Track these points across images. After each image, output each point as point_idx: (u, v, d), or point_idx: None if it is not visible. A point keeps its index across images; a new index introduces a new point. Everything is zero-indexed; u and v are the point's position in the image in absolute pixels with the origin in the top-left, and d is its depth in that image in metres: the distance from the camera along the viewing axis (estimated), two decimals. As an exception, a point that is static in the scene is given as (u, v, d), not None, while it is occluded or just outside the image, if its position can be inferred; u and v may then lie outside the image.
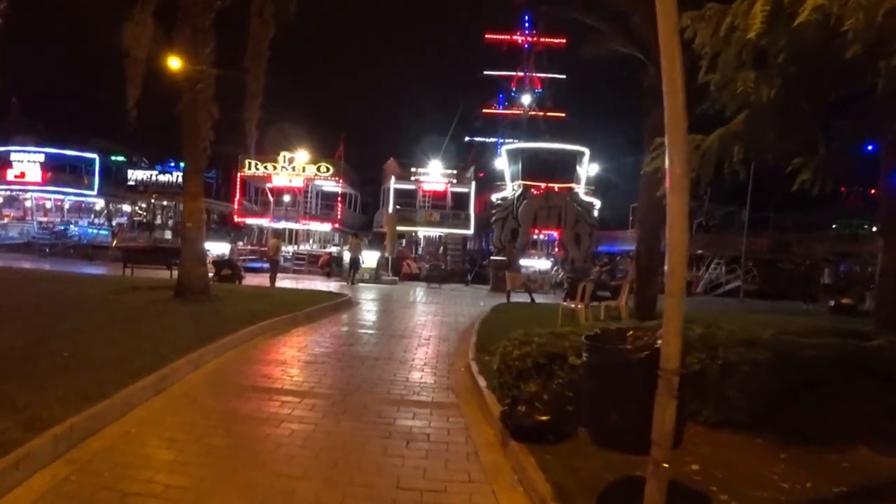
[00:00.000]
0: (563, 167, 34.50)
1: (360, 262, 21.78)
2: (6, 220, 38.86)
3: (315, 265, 28.28)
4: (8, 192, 40.18)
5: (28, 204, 41.23)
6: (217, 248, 22.89)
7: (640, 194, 11.86)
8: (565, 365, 5.18)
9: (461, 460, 4.73)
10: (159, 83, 13.12)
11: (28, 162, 38.62)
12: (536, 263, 28.90)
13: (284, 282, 20.90)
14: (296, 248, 36.07)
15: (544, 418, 4.64)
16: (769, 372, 5.26)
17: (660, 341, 3.16)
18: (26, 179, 38.88)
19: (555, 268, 23.46)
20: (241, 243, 33.08)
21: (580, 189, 34.90)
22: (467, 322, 13.14)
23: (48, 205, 41.56)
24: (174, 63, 12.70)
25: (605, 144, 38.83)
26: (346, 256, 22.52)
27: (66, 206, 43.01)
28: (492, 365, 7.04)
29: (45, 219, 40.20)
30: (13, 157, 38.57)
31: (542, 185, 33.49)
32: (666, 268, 3.15)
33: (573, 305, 11.50)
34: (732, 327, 7.24)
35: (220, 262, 18.66)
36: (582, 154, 35.13)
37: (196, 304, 11.23)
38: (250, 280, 19.67)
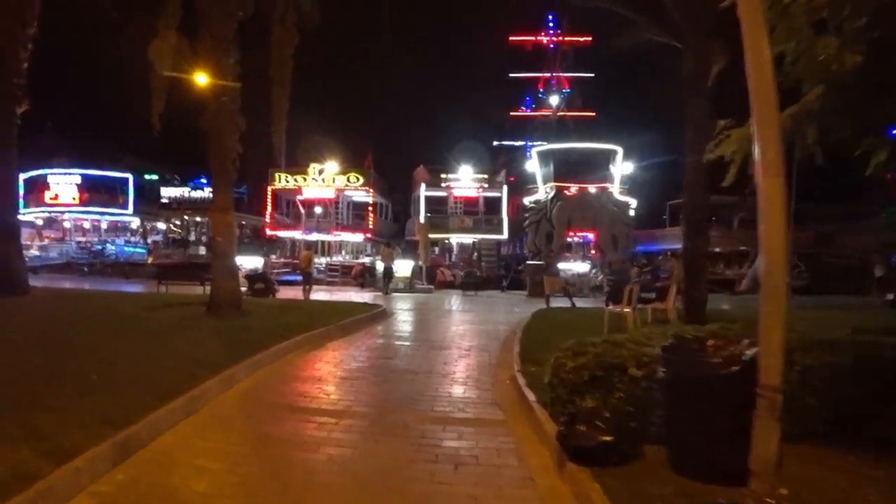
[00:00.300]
0: (596, 166, 33.79)
1: (394, 271, 21.44)
2: (46, 242, 39.63)
3: (348, 276, 28.07)
4: (47, 214, 40.99)
5: (67, 225, 42.03)
6: (250, 262, 22.81)
7: (683, 189, 11.23)
8: (625, 377, 4.69)
9: (516, 486, 4.29)
10: (186, 98, 12.99)
11: (65, 184, 39.39)
12: (574, 266, 28.22)
13: (318, 294, 20.67)
14: (328, 259, 36.00)
15: (607, 438, 4.16)
16: (851, 377, 4.71)
17: (748, 352, 2.68)
18: (63, 201, 39.65)
19: (593, 270, 22.75)
20: (273, 256, 33.07)
21: (614, 188, 34.09)
22: (507, 330, 12.69)
23: (86, 225, 42.32)
24: (200, 79, 12.55)
25: (638, 141, 37.89)
26: (379, 266, 22.20)
27: (104, 225, 43.76)
28: (539, 376, 6.58)
29: (83, 239, 40.91)
30: (50, 179, 39.34)
31: (575, 186, 32.86)
32: (758, 267, 2.68)
33: (618, 309, 10.91)
34: (801, 328, 6.66)
35: (252, 276, 18.49)
36: (614, 152, 34.32)
37: (228, 319, 10.98)
38: (284, 293, 19.49)
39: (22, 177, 40.10)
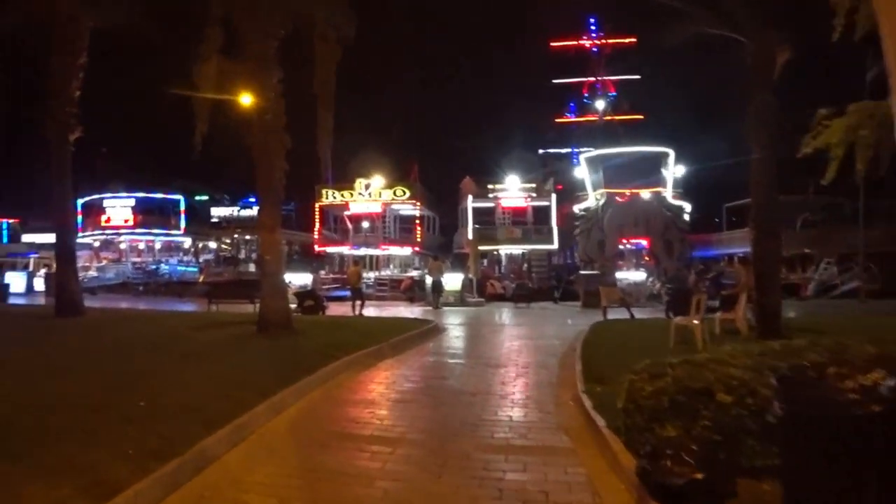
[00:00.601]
0: (648, 170, 32.78)
1: (443, 284, 21.06)
2: (104, 263, 40.79)
3: (397, 290, 27.86)
4: (103, 237, 42.27)
5: (122, 246, 43.23)
6: (299, 279, 22.78)
7: (751, 190, 10.51)
8: (711, 404, 4.16)
9: (593, 529, 3.82)
10: (231, 118, 12.97)
11: (120, 207, 40.58)
12: (630, 275, 27.31)
13: (367, 309, 20.45)
14: (377, 273, 35.93)
15: (698, 476, 3.66)
16: None
17: (888, 383, 2.18)
18: (118, 223, 40.85)
19: (650, 279, 21.89)
20: (322, 272, 33.16)
21: (667, 192, 32.99)
22: (564, 345, 12.18)
23: (141, 246, 43.46)
24: (244, 99, 12.51)
25: (690, 143, 36.77)
26: (428, 280, 21.88)
27: (158, 246, 44.84)
28: (606, 397, 6.14)
29: (138, 259, 41.99)
30: (106, 203, 40.61)
31: (627, 191, 31.98)
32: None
33: (684, 321, 10.25)
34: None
35: (302, 294, 18.38)
36: (666, 155, 33.18)
37: (278, 338, 10.78)
38: (334, 309, 19.35)
39: (79, 201, 41.92)
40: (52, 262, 45.81)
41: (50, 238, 45.31)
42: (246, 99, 12.50)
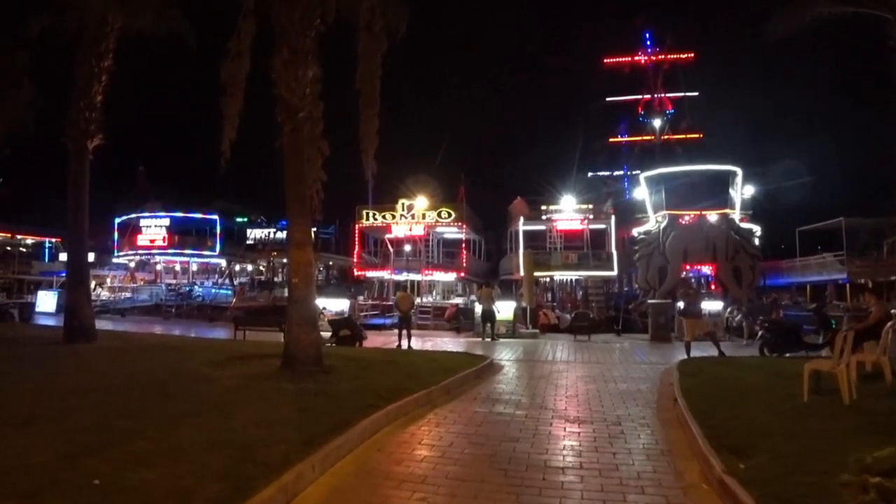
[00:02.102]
0: (714, 191, 30.23)
1: (496, 313, 18.87)
2: (139, 284, 39.93)
3: (440, 318, 25.78)
4: (138, 257, 41.49)
5: (159, 267, 42.38)
6: (335, 305, 20.88)
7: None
8: None
9: None
10: (267, 123, 11.33)
11: (155, 227, 39.81)
12: (707, 305, 24.58)
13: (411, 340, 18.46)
14: (419, 300, 33.99)
15: None
16: None
17: None
18: (154, 244, 39.99)
19: (728, 309, 19.30)
20: (361, 298, 31.29)
21: (735, 215, 30.39)
22: (651, 389, 10.02)
23: (177, 267, 42.55)
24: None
25: (753, 163, 34.11)
26: (477, 309, 19.64)
27: (194, 267, 43.89)
28: (761, 478, 4.39)
29: (173, 281, 41.06)
30: (142, 223, 39.89)
31: (691, 213, 29.41)
32: None
33: (822, 366, 7.93)
34: None
35: (337, 322, 16.35)
36: (734, 174, 30.58)
37: (305, 380, 8.83)
38: (372, 340, 17.40)
39: (116, 220, 41.38)
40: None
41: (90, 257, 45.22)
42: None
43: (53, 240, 44.66)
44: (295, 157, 10.56)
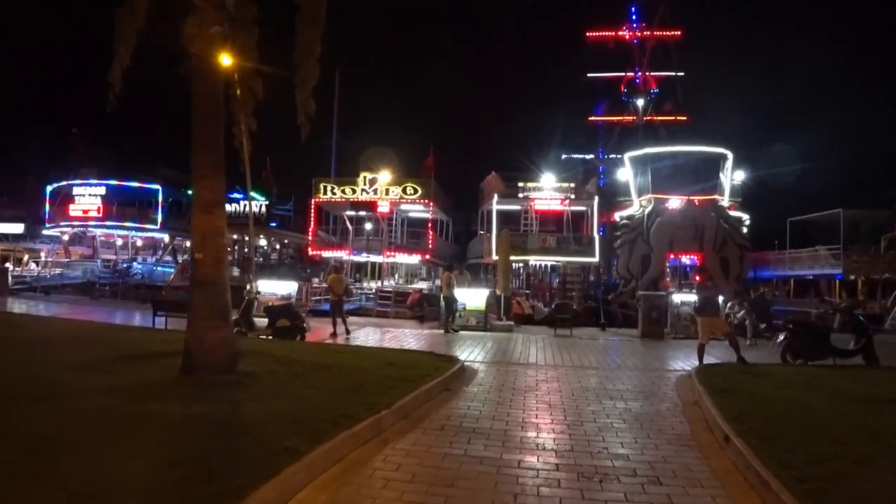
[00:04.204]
0: (703, 175, 28.07)
1: (456, 302, 16.24)
2: (72, 259, 36.19)
3: (402, 305, 23.11)
4: (72, 229, 37.60)
5: (98, 242, 38.65)
6: (283, 289, 17.97)
7: None
8: None
9: None
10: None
11: (90, 196, 35.77)
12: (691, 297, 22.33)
13: (364, 331, 15.73)
14: (378, 284, 31.17)
15: None
16: None
17: None
18: (89, 215, 36.07)
19: (729, 304, 16.94)
20: (315, 280, 28.29)
21: (724, 201, 28.34)
22: (676, 411, 7.56)
23: (118, 242, 38.76)
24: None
25: (743, 148, 32.17)
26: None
27: (138, 243, 40.16)
28: None
29: (112, 257, 37.39)
30: (75, 191, 35.90)
31: (678, 197, 27.18)
32: None
33: None
34: None
35: (274, 310, 13.38)
36: (724, 157, 28.44)
37: (205, 396, 6.14)
38: (321, 329, 14.65)
39: (48, 188, 37.38)
40: (13, 254, 41.59)
41: (13, 228, 40.96)
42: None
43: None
44: (205, 79, 7.76)
